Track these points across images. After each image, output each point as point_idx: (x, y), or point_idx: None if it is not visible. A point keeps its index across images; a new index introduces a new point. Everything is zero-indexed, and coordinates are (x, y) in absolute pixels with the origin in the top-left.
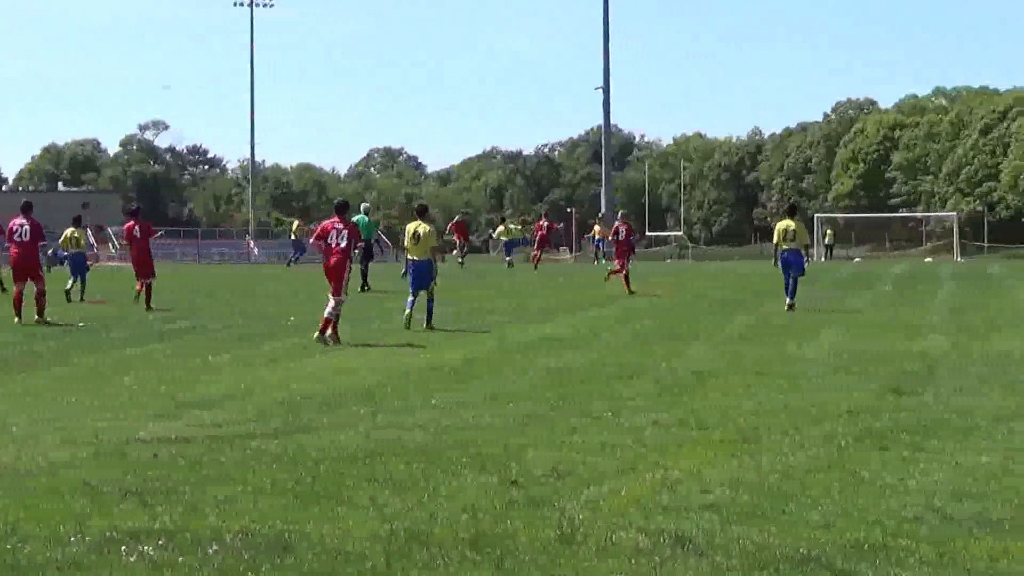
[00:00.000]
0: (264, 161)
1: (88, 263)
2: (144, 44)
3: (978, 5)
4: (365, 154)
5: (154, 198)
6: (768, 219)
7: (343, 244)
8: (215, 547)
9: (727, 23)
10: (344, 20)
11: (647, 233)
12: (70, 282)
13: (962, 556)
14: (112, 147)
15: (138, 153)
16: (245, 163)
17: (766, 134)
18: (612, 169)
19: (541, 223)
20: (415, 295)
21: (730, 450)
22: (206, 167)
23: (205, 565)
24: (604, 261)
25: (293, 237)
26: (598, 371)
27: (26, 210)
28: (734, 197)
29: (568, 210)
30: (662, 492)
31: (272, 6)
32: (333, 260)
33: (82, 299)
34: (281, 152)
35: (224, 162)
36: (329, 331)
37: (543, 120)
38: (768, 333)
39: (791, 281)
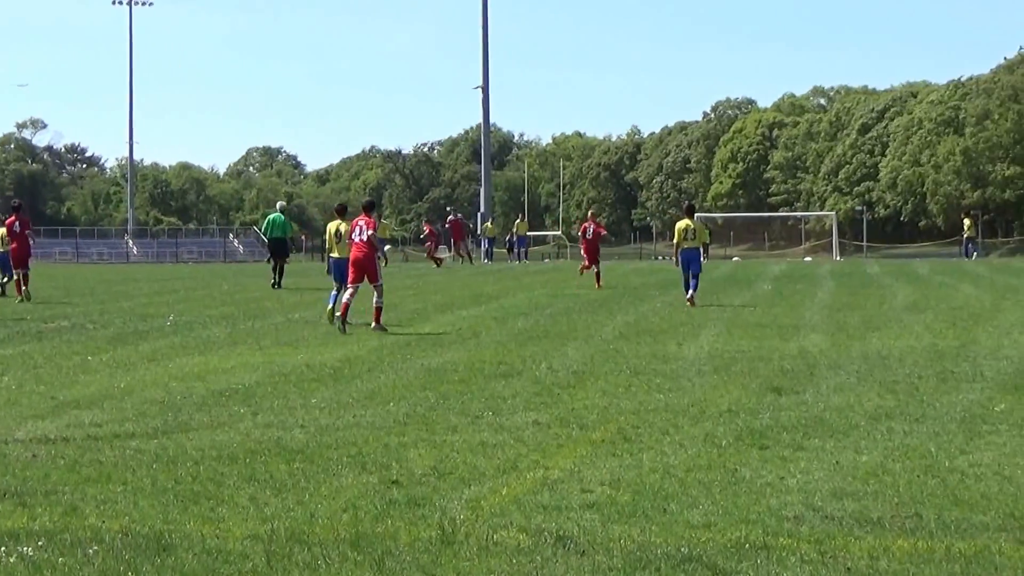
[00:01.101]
0: (143, 160)
1: None
2: (22, 42)
3: (856, 5)
4: (244, 153)
5: (32, 197)
6: (648, 218)
7: (364, 238)
8: (95, 547)
9: (607, 21)
10: (223, 19)
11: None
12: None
13: (843, 555)
14: None
15: (15, 151)
16: (124, 162)
17: (645, 133)
18: (492, 168)
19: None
20: (339, 291)
21: (610, 449)
22: (84, 166)
23: (85, 565)
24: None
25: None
26: (477, 370)
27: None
28: (614, 196)
29: (448, 209)
30: (543, 491)
31: (151, 4)
32: (360, 254)
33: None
34: (160, 151)
35: (102, 161)
36: (373, 323)
37: (422, 119)
38: (647, 332)
39: (692, 278)
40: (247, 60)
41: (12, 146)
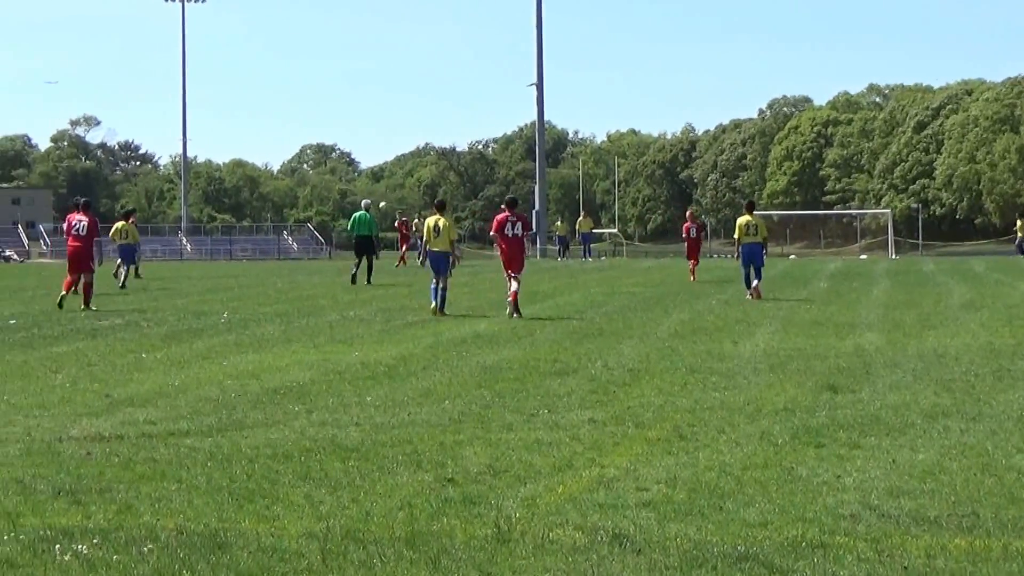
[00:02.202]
0: (196, 157)
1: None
2: (76, 39)
3: (913, 2)
4: (298, 150)
5: (86, 194)
6: (702, 216)
7: (518, 233)
8: (149, 546)
9: (661, 19)
10: (276, 15)
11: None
12: (120, 269)
13: (899, 553)
14: (43, 143)
15: (69, 149)
16: (177, 159)
17: (700, 131)
18: (546, 165)
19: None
20: (437, 281)
21: (666, 447)
22: (138, 163)
23: (140, 563)
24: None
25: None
26: (532, 368)
27: (85, 208)
28: (668, 194)
29: (502, 206)
30: (598, 489)
31: (204, 1)
32: (513, 247)
33: (123, 285)
34: (213, 148)
35: (156, 158)
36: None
37: (477, 117)
38: (703, 330)
39: (753, 271)
40: (301, 57)
41: (66, 143)
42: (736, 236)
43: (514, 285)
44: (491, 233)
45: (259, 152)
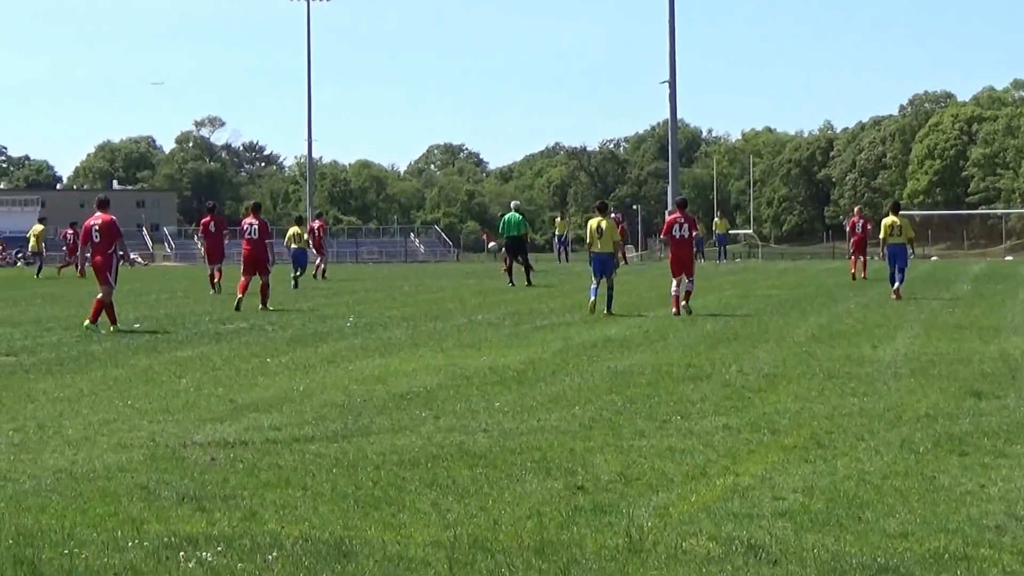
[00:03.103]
0: (322, 158)
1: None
2: (200, 39)
3: None
4: (425, 151)
5: (210, 195)
6: (840, 217)
7: (685, 235)
8: (274, 553)
9: (798, 13)
10: (402, 14)
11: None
12: (293, 273)
13: None
14: (167, 144)
15: (194, 150)
16: (302, 160)
17: (838, 128)
18: (679, 165)
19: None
20: (598, 283)
21: (803, 455)
22: (263, 164)
23: (264, 571)
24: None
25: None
26: (665, 373)
27: (256, 211)
28: (805, 194)
29: (633, 207)
30: (733, 498)
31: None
32: (679, 249)
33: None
34: (339, 149)
35: (281, 159)
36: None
37: (608, 115)
38: (841, 334)
39: (897, 272)
40: (427, 56)
41: (191, 144)
42: (881, 236)
43: (678, 286)
44: (660, 236)
45: (385, 153)
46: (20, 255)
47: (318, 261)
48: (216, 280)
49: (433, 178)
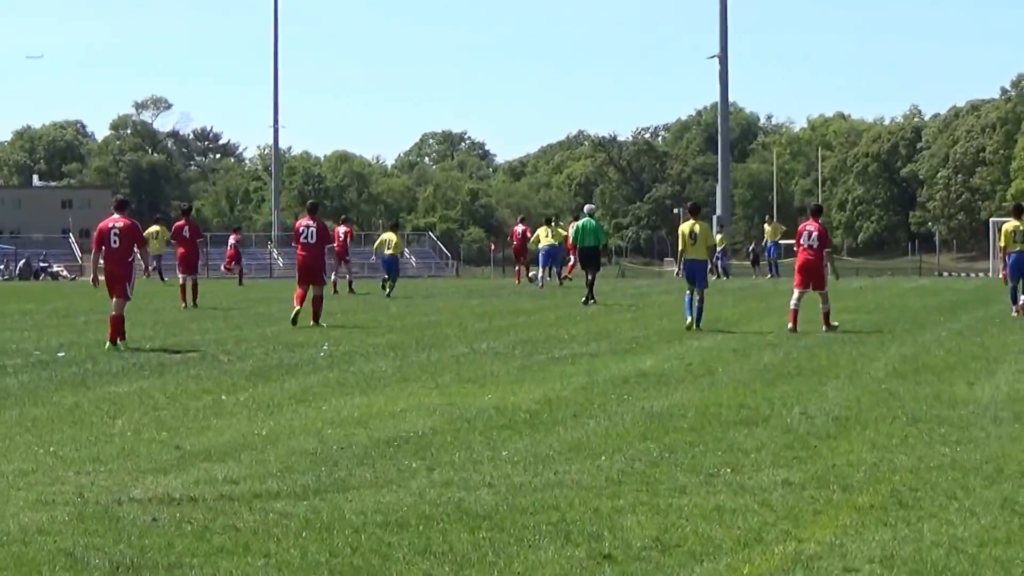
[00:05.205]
0: (290, 149)
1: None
2: (144, 10)
3: None
4: (417, 140)
5: (152, 194)
6: (929, 223)
7: (813, 244)
8: None
9: None
10: None
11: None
12: (387, 283)
13: None
14: (101, 131)
15: (133, 138)
16: (267, 152)
17: (927, 115)
18: (731, 158)
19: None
20: (691, 294)
21: (881, 517)
22: (218, 156)
23: None
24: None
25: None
26: (712, 416)
27: (312, 211)
28: (885, 195)
29: (675, 211)
30: (795, 570)
31: None
32: (804, 259)
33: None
34: (312, 139)
35: (240, 150)
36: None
37: (643, 98)
38: (929, 369)
39: (1021, 285)
40: (421, 25)
41: (129, 131)
42: (1002, 244)
43: (799, 300)
44: (796, 247)
45: (369, 143)
46: None
47: (334, 274)
48: (191, 292)
49: (427, 174)
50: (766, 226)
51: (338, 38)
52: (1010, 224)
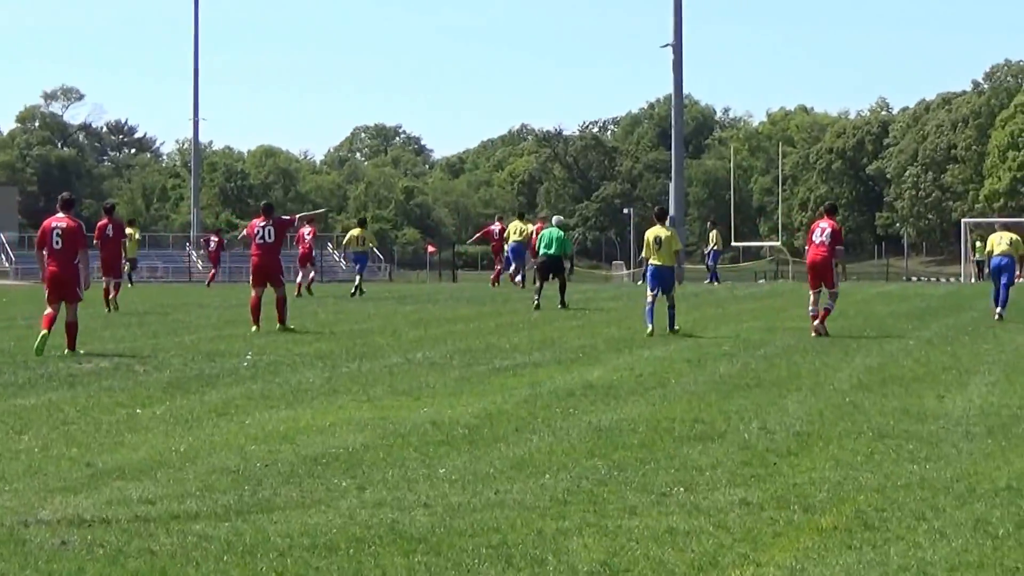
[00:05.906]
0: (211, 144)
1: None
2: None
3: None
4: (348, 135)
5: (62, 190)
6: (897, 224)
7: (825, 240)
8: None
9: None
10: None
11: (731, 243)
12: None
13: None
14: (6, 124)
15: (41, 131)
16: (186, 146)
17: (895, 109)
18: (685, 154)
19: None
20: (655, 299)
21: (845, 540)
22: (133, 151)
23: None
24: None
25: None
26: (664, 431)
27: (267, 212)
28: (850, 194)
29: (624, 211)
30: None
31: None
32: (815, 257)
33: (361, 292)
34: (234, 132)
35: (157, 145)
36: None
37: (590, 90)
38: (896, 380)
39: (1002, 290)
40: (352, 15)
41: (37, 123)
42: (988, 250)
43: (815, 303)
44: (807, 246)
45: (296, 137)
46: None
47: (300, 276)
48: (112, 296)
49: (359, 170)
50: (713, 232)
51: (263, 25)
52: (997, 234)
